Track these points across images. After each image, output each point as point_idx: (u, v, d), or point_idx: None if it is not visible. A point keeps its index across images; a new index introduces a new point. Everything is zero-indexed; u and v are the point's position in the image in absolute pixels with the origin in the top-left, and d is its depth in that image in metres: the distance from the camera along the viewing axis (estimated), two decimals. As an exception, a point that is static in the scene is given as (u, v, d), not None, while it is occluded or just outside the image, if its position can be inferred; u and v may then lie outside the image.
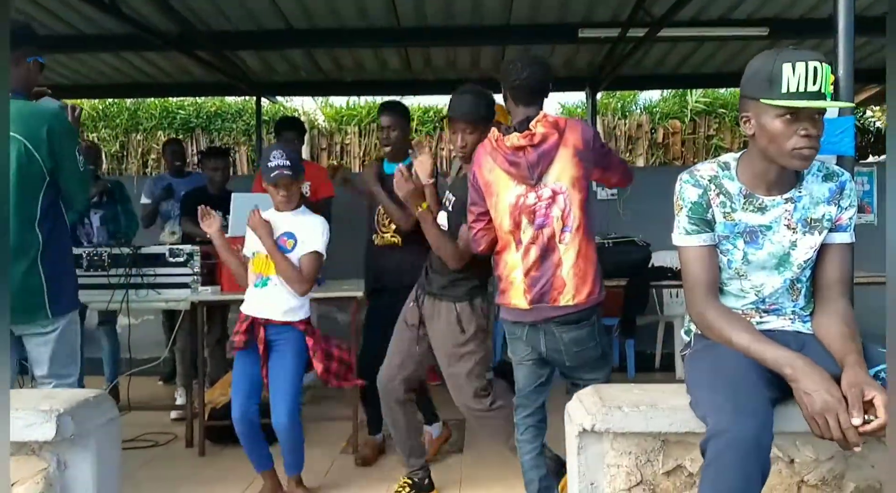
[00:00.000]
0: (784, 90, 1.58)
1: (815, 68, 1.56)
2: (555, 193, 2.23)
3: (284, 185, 2.72)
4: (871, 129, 7.16)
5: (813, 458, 1.77)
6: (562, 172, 2.22)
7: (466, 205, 2.40)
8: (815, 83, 1.56)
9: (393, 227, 3.21)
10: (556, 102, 7.42)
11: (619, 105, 7.27)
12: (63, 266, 2.52)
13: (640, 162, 7.04)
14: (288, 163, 2.70)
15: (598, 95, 6.38)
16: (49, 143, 2.36)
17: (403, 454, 2.88)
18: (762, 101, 1.63)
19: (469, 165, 2.48)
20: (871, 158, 6.85)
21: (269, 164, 2.71)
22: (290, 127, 4.29)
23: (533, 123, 2.24)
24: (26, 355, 2.51)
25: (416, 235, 3.11)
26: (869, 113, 7.25)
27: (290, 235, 2.77)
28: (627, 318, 3.88)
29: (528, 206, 2.24)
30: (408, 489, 2.85)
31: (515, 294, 2.29)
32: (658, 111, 7.18)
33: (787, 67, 1.58)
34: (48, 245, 2.41)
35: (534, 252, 2.25)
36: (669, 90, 7.20)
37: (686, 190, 1.81)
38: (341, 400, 3.57)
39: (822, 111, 1.62)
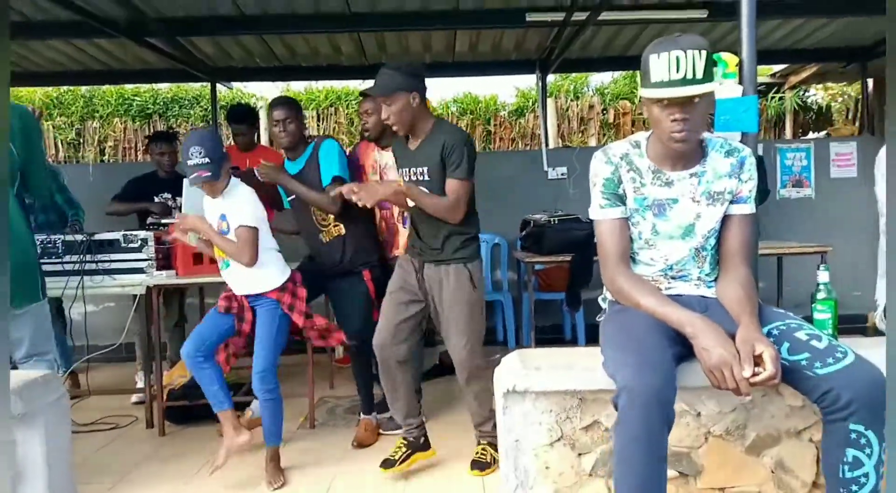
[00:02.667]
0: (654, 80, 1.72)
1: (678, 57, 1.68)
2: None
3: (207, 187, 2.75)
4: (813, 107, 7.43)
5: (717, 411, 1.94)
6: None
7: (440, 169, 2.70)
8: (678, 71, 1.68)
9: (331, 218, 3.27)
10: (510, 85, 7.56)
11: (572, 87, 7.42)
12: (36, 251, 2.72)
13: (593, 142, 7.20)
14: (207, 161, 2.64)
15: (550, 78, 6.51)
16: (22, 136, 2.52)
17: (399, 415, 2.97)
18: (641, 89, 1.78)
19: (426, 132, 2.77)
20: (811, 135, 7.12)
21: (188, 162, 2.66)
22: (241, 120, 4.34)
23: None
24: None
25: (352, 212, 3.19)
26: (812, 91, 7.51)
27: (223, 217, 2.83)
28: (573, 292, 4.03)
29: None
30: (405, 448, 2.92)
31: None
32: (609, 93, 7.36)
33: (653, 58, 1.72)
34: (24, 231, 2.60)
35: None
36: (620, 72, 7.37)
37: (600, 167, 1.95)
38: (301, 377, 3.67)
39: (693, 96, 1.71)
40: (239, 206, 2.79)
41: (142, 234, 3.66)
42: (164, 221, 3.88)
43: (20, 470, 1.94)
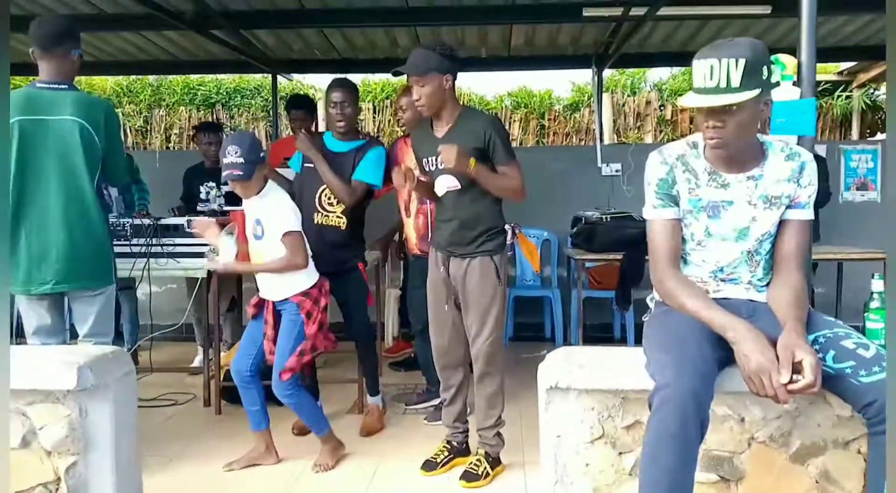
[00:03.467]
0: (694, 85, 1.74)
1: (712, 66, 1.69)
2: None
3: (238, 185, 2.77)
4: (883, 106, 7.14)
5: (762, 417, 1.93)
6: None
7: (482, 153, 2.65)
8: (711, 79, 1.70)
9: (340, 208, 3.27)
10: (566, 80, 7.51)
11: (629, 82, 7.32)
12: (109, 237, 2.89)
13: (649, 138, 7.11)
14: (241, 161, 2.67)
15: (607, 73, 6.44)
16: (105, 127, 2.73)
17: (450, 417, 2.97)
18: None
19: (452, 118, 2.71)
20: (879, 136, 6.85)
21: (224, 160, 2.69)
22: (300, 106, 4.45)
23: None
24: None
25: (357, 214, 3.30)
26: (883, 89, 7.21)
27: (258, 222, 2.84)
28: (623, 291, 4.02)
29: None
30: (447, 452, 2.95)
31: None
32: (667, 88, 7.23)
33: (695, 63, 1.74)
34: (105, 218, 2.81)
35: None
36: (678, 68, 7.23)
37: (655, 167, 1.96)
38: (350, 363, 3.78)
39: (729, 105, 1.71)
40: (279, 211, 2.80)
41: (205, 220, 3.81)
42: (212, 207, 4.06)
43: (89, 440, 2.08)
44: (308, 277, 2.91)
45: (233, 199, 4.04)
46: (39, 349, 2.35)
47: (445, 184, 2.74)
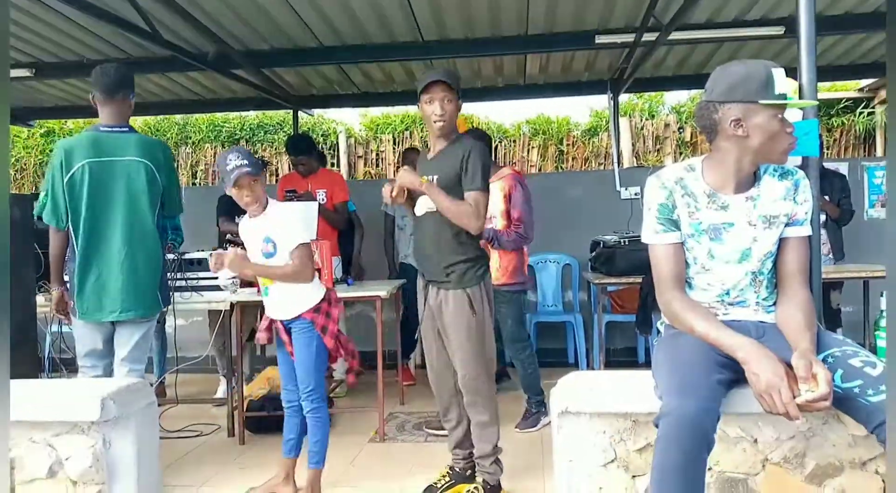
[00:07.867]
0: (777, 92, 1.77)
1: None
2: None
3: (248, 184, 2.68)
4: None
5: (775, 437, 1.92)
6: None
7: (453, 180, 2.65)
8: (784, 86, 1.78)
9: None
10: (584, 105, 7.56)
11: (647, 106, 7.34)
12: (166, 268, 3.11)
13: (669, 161, 7.09)
14: (245, 161, 2.66)
15: (625, 97, 6.48)
16: (166, 166, 2.96)
17: (451, 442, 2.96)
18: (762, 102, 1.78)
19: (447, 141, 2.75)
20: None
21: (228, 167, 2.65)
22: (300, 151, 4.66)
23: None
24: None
25: None
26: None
27: (268, 239, 2.76)
28: (643, 314, 3.99)
29: None
30: (448, 478, 2.92)
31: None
32: (685, 111, 7.23)
33: (776, 72, 1.77)
34: (164, 251, 3.02)
35: None
36: (696, 90, 7.23)
37: (653, 192, 1.98)
38: (372, 392, 3.80)
39: None
40: (287, 225, 2.76)
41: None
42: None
43: (113, 469, 2.13)
44: (316, 290, 2.84)
45: None
46: (65, 383, 2.43)
47: (425, 205, 2.75)
